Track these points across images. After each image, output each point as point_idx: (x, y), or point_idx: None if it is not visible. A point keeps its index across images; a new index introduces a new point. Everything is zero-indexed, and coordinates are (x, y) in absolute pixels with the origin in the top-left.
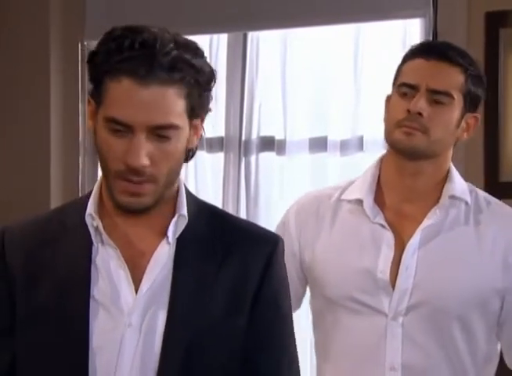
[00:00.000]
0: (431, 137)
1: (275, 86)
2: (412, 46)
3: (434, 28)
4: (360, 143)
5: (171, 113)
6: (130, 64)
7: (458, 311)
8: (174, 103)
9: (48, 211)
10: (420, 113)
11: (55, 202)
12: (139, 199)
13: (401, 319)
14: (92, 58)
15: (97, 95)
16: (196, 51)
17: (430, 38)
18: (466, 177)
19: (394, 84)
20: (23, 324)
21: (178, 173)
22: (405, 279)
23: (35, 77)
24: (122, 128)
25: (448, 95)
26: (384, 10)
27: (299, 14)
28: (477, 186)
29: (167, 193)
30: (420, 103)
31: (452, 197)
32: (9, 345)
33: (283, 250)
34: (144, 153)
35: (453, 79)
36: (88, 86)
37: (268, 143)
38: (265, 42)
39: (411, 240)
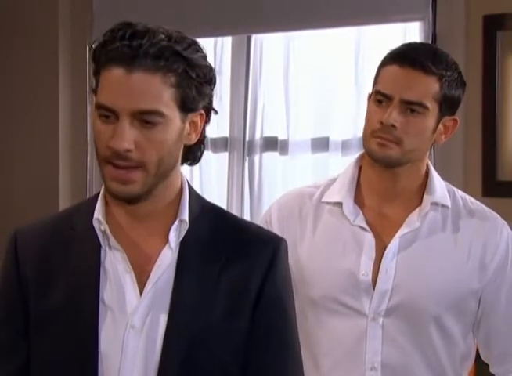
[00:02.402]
0: (405, 147)
1: (279, 88)
2: (391, 50)
3: (433, 31)
4: (361, 144)
5: (155, 99)
6: (118, 53)
7: (434, 312)
8: (159, 90)
9: (59, 213)
10: (393, 125)
11: (63, 202)
12: (128, 186)
13: (381, 320)
14: (93, 53)
15: (96, 86)
16: (192, 46)
17: (430, 41)
18: (465, 176)
19: (374, 84)
20: (36, 325)
21: (171, 165)
22: (385, 281)
23: (44, 79)
24: (109, 114)
25: (422, 105)
26: (384, 13)
27: (302, 17)
28: (475, 186)
29: (168, 192)
30: (393, 116)
31: (433, 204)
32: (23, 345)
33: (286, 251)
34: (127, 137)
35: (427, 88)
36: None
37: (272, 143)
38: (269, 45)
39: (390, 246)
